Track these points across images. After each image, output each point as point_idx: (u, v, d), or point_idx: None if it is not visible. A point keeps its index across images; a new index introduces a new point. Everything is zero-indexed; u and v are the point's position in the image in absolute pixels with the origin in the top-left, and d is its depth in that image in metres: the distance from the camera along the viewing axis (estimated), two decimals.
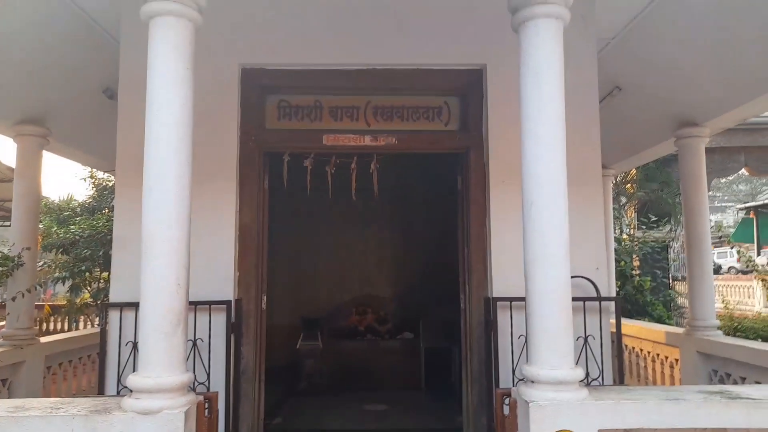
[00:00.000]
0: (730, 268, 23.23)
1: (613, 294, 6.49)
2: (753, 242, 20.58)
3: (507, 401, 2.70)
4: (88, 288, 8.39)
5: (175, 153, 2.40)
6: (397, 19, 4.02)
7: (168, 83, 2.41)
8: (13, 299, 4.39)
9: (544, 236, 2.49)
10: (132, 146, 3.70)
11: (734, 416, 2.36)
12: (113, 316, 3.78)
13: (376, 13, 4.02)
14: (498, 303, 3.81)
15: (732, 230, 25.31)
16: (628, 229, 10.65)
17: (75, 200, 10.77)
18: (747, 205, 21.54)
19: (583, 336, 3.83)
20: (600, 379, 3.80)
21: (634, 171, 11.24)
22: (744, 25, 3.64)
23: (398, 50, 4.10)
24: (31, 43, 4.11)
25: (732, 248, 25.64)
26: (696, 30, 3.99)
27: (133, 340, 3.61)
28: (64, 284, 8.29)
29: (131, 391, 2.33)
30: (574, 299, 3.64)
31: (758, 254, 20.11)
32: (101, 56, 4.49)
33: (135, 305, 3.52)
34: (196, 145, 2.53)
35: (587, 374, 3.80)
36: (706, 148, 9.40)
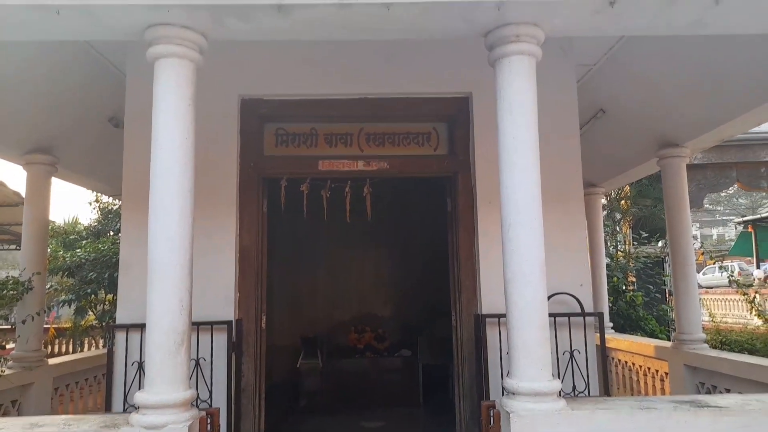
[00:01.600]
0: (732, 281, 23.24)
1: (600, 309, 6.63)
2: (752, 256, 20.65)
3: (492, 413, 2.86)
4: (94, 310, 8.55)
5: (178, 184, 2.59)
6: (387, 51, 4.26)
7: (172, 119, 2.62)
8: (23, 322, 4.57)
9: (521, 256, 2.66)
10: (137, 173, 3.92)
11: (702, 424, 2.52)
12: (119, 337, 3.95)
13: (367, 46, 4.25)
14: (487, 319, 3.98)
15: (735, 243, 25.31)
16: (622, 245, 10.81)
17: (80, 223, 10.99)
18: (745, 219, 21.64)
19: (569, 350, 4.00)
20: (586, 391, 3.96)
21: (628, 187, 11.43)
22: (720, 49, 3.83)
23: (388, 80, 4.33)
24: (43, 77, 4.33)
25: (732, 262, 25.67)
26: (672, 56, 4.20)
27: (138, 360, 3.78)
28: (70, 307, 8.46)
29: (137, 408, 2.50)
30: (559, 315, 3.88)
31: (757, 267, 20.17)
32: (108, 87, 4.72)
33: (140, 326, 3.73)
34: (197, 172, 2.71)
35: (574, 387, 3.96)
36: (697, 165, 9.59)
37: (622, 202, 11.26)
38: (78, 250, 8.45)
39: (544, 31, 2.72)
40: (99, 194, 9.65)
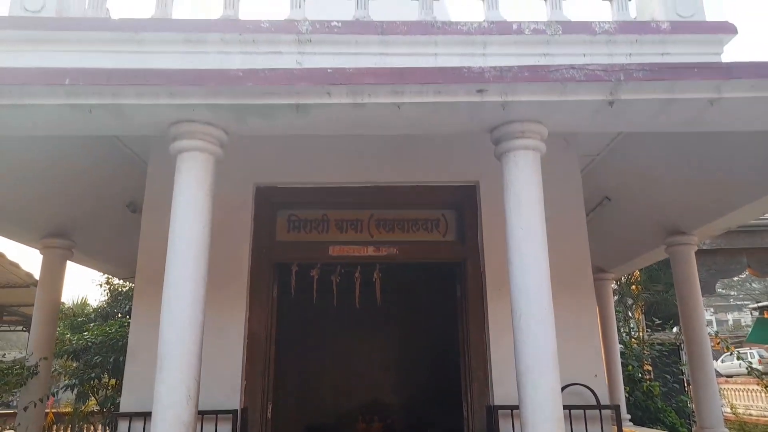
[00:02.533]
0: (752, 369, 22.42)
1: (617, 400, 6.41)
2: None
3: None
4: (96, 395, 8.35)
5: (192, 273, 2.65)
6: (396, 141, 4.44)
7: (191, 210, 2.72)
8: (25, 409, 4.48)
9: (533, 347, 2.65)
10: (152, 258, 3.99)
11: None
12: (122, 426, 3.85)
13: (378, 137, 4.44)
14: (499, 411, 3.86)
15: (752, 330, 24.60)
16: (635, 332, 10.58)
17: (89, 305, 10.98)
18: (760, 305, 21.18)
19: None
20: None
21: (638, 272, 11.35)
22: (721, 142, 3.96)
23: (398, 169, 4.49)
24: (66, 166, 4.52)
25: (751, 349, 24.84)
26: (674, 148, 4.35)
27: None
28: (72, 391, 8.27)
29: None
30: (574, 407, 3.77)
31: None
32: (128, 173, 4.89)
33: (144, 415, 3.66)
34: (210, 257, 2.78)
35: None
36: (707, 250, 9.57)
37: (633, 287, 11.15)
38: (85, 333, 8.38)
39: (548, 128, 2.86)
40: (110, 276, 9.71)
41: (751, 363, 8.23)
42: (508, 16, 3.64)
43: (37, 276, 8.66)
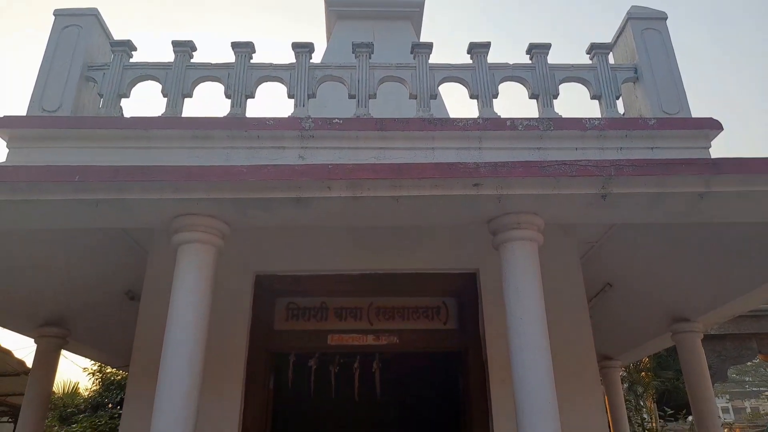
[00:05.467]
0: None
1: None
2: None
3: None
4: None
5: (187, 362, 2.62)
6: (395, 229, 4.49)
7: (190, 301, 2.72)
8: None
9: None
10: (148, 347, 3.91)
11: None
12: None
13: (376, 226, 4.51)
14: None
15: None
16: (648, 422, 10.13)
17: (80, 394, 10.63)
18: None
19: None
20: None
21: (647, 359, 11.06)
22: (720, 230, 3.97)
23: (397, 257, 4.50)
24: (65, 257, 4.53)
25: None
26: (671, 236, 4.38)
27: None
28: None
29: None
30: None
31: None
32: (128, 262, 4.89)
33: None
34: (207, 346, 2.74)
35: None
36: (715, 336, 9.36)
37: (642, 374, 10.82)
38: (74, 425, 8.07)
39: (544, 219, 2.92)
40: (102, 365, 9.48)
41: None
42: (502, 112, 3.82)
43: (29, 364, 8.47)
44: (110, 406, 8.84)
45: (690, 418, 10.70)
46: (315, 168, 2.74)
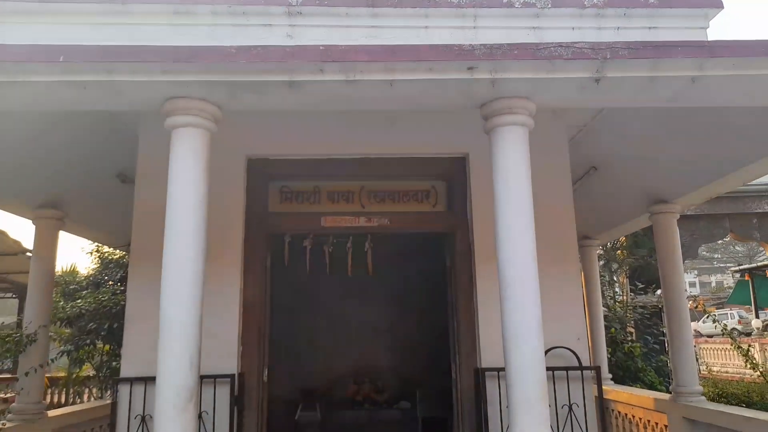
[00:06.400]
0: (732, 329, 23.17)
1: (599, 361, 6.69)
2: (750, 304, 20.63)
3: None
4: (91, 361, 8.52)
5: (191, 249, 2.73)
6: (388, 114, 4.48)
7: (187, 186, 2.78)
8: (26, 374, 4.61)
9: (519, 314, 2.78)
10: (146, 229, 4.08)
11: None
12: (123, 390, 3.99)
13: (369, 110, 4.49)
14: (486, 373, 4.05)
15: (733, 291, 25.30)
16: (619, 296, 10.88)
17: (79, 272, 11.03)
18: (742, 267, 21.72)
19: (568, 404, 4.05)
20: None
21: (624, 238, 11.59)
22: (706, 113, 4.02)
23: (389, 141, 4.54)
24: (58, 139, 4.52)
25: (732, 310, 25.61)
26: (659, 119, 4.43)
27: (142, 414, 3.82)
28: (68, 357, 8.43)
29: None
30: (557, 369, 3.96)
31: (756, 316, 20.13)
32: (118, 145, 4.90)
33: (144, 380, 3.80)
34: (206, 229, 2.85)
35: None
36: (690, 216, 9.74)
37: (618, 252, 11.41)
38: (78, 301, 8.48)
39: (536, 104, 2.92)
40: (99, 245, 9.74)
41: (726, 325, 8.54)
42: None
43: (24, 244, 8.71)
44: (111, 283, 9.24)
45: (659, 291, 11.48)
46: (307, 49, 2.67)
